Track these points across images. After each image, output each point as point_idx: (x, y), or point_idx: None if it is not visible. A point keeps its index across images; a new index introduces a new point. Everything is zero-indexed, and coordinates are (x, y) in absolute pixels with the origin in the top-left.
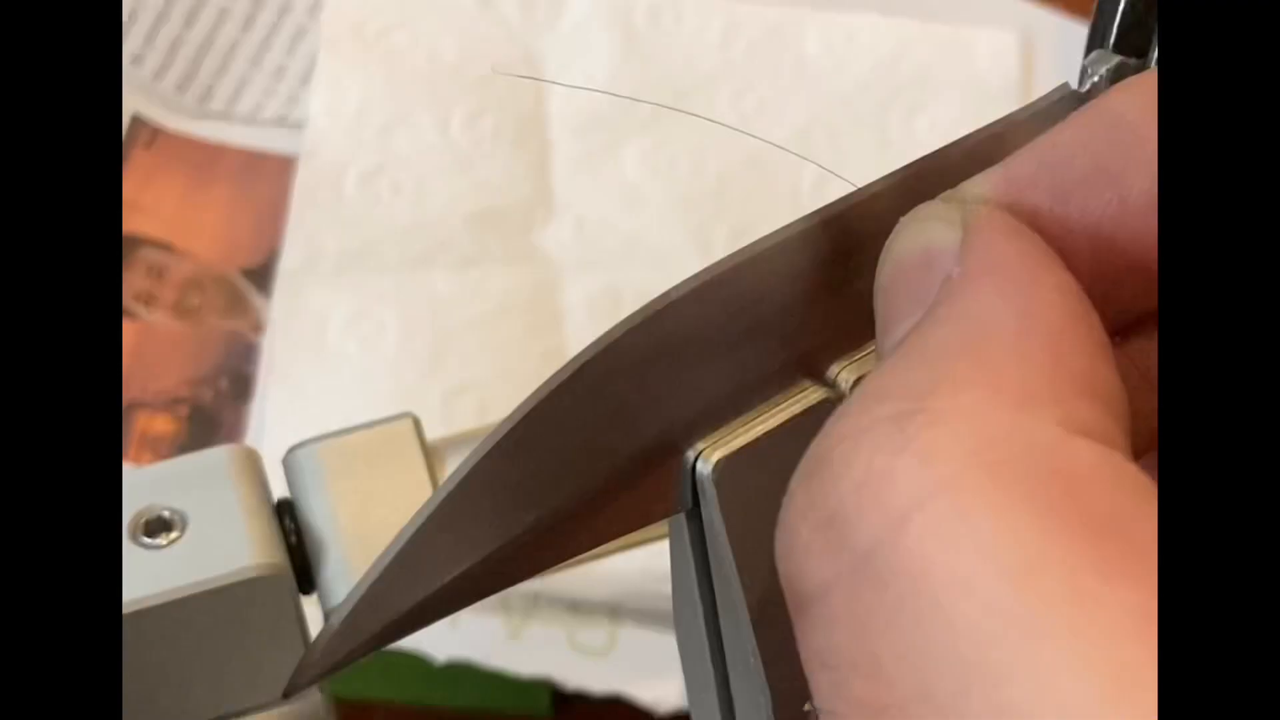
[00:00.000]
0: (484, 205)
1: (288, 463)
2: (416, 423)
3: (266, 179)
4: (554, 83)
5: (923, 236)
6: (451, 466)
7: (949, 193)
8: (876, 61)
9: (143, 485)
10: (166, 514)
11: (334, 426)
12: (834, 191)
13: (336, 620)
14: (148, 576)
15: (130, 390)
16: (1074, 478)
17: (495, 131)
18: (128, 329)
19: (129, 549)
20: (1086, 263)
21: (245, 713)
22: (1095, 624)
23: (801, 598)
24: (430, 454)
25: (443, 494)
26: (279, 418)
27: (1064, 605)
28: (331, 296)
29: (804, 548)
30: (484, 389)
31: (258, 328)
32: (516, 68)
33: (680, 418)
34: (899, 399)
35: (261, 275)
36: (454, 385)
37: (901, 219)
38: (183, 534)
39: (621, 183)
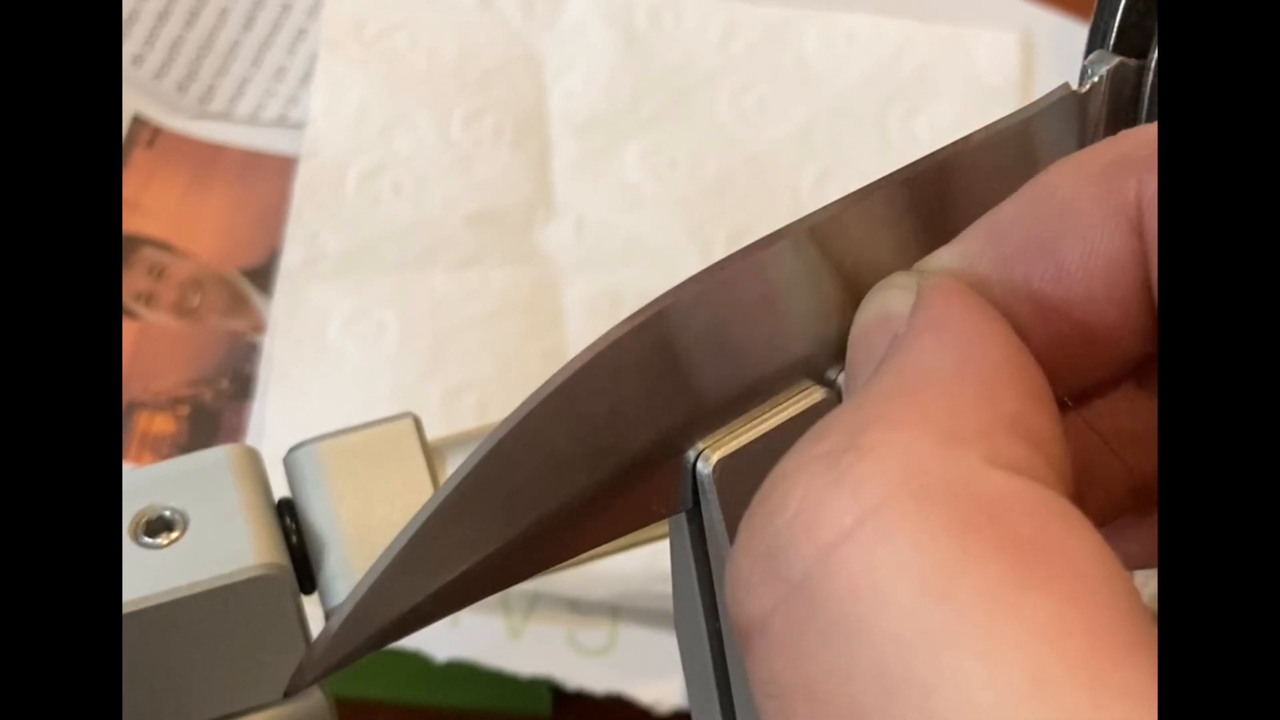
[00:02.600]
0: (484, 205)
1: (288, 462)
2: (417, 423)
3: (267, 179)
4: None
5: (882, 302)
6: (451, 466)
7: (915, 267)
8: (876, 61)
9: (143, 485)
10: (167, 514)
11: (334, 426)
12: (834, 192)
13: (337, 620)
14: (148, 576)
15: (130, 390)
16: (995, 503)
17: (495, 131)
18: (128, 328)
19: (129, 549)
20: (1034, 329)
21: (245, 713)
22: (1011, 631)
23: (745, 629)
24: (430, 454)
25: (443, 494)
26: (279, 417)
27: (982, 615)
28: (332, 296)
29: (745, 580)
30: (484, 389)
31: (258, 327)
32: (516, 67)
33: (680, 418)
34: (834, 438)
35: (262, 275)
36: (454, 385)
37: (869, 290)
38: (183, 534)
39: (621, 183)
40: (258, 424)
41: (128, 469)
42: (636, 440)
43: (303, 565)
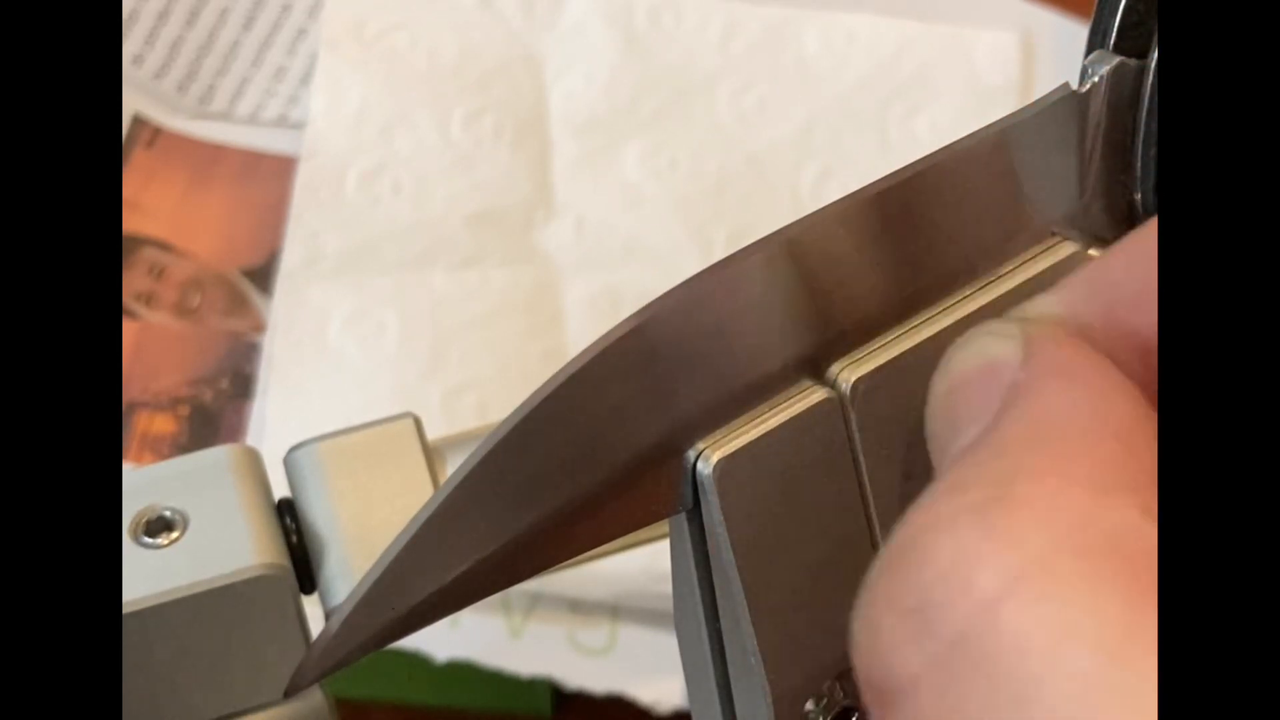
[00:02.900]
0: (484, 205)
1: (288, 462)
2: (417, 423)
3: (267, 179)
4: None
5: (984, 350)
6: (451, 466)
7: (1010, 312)
8: (876, 61)
9: (143, 485)
10: (167, 514)
11: (334, 426)
12: (834, 192)
13: (337, 620)
14: (148, 576)
15: (130, 390)
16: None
17: (495, 131)
18: (128, 328)
19: (129, 549)
20: (1138, 378)
21: (245, 713)
22: None
23: (886, 692)
24: (430, 454)
25: (443, 494)
26: (279, 417)
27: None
28: (332, 296)
29: (888, 640)
30: (484, 389)
31: (258, 327)
32: (516, 67)
33: (680, 418)
34: (979, 488)
35: (262, 275)
36: (454, 385)
37: (958, 339)
38: (183, 534)
39: (621, 183)
40: (258, 424)
41: (128, 469)
42: (636, 440)
43: (303, 565)
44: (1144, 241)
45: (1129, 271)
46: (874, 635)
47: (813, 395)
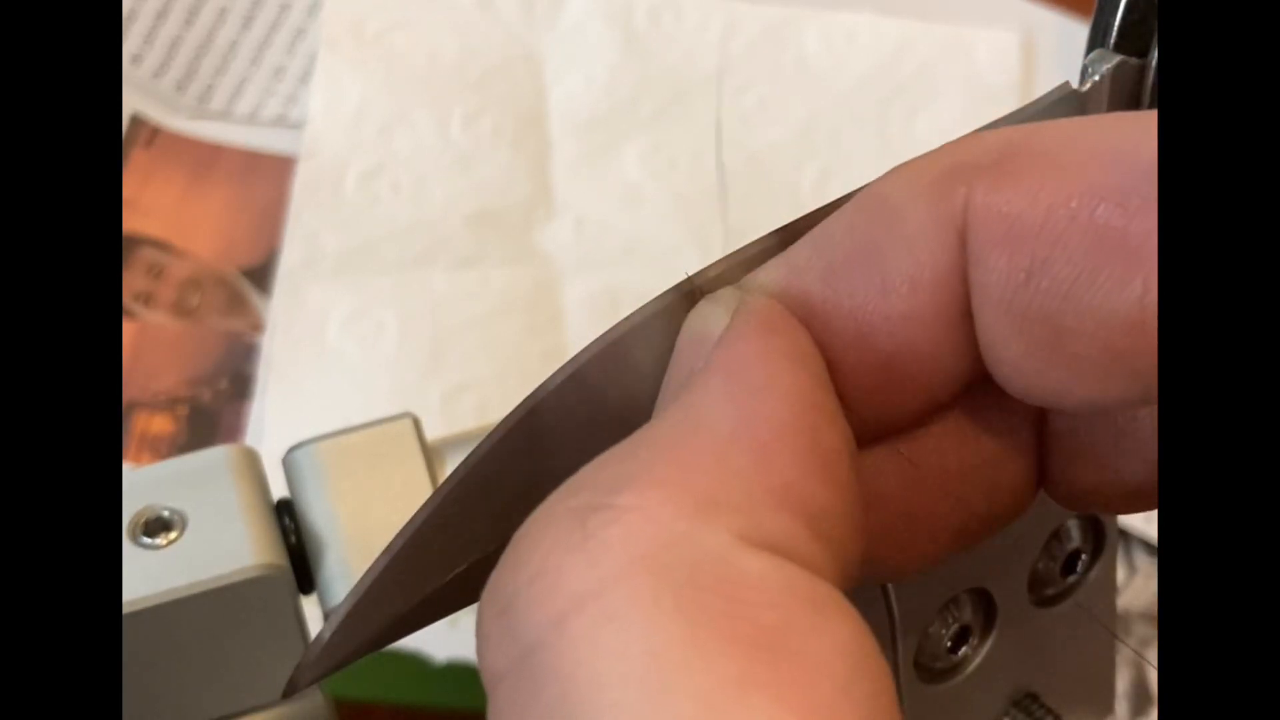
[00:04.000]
0: (484, 205)
1: (287, 463)
2: (416, 423)
3: (266, 179)
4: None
5: (701, 319)
6: (451, 466)
7: (744, 279)
8: (876, 61)
9: (142, 485)
10: (166, 514)
11: (334, 426)
12: (834, 191)
13: (336, 620)
14: (148, 576)
15: (130, 390)
16: (739, 588)
17: (495, 131)
18: (127, 329)
19: (129, 549)
20: (857, 349)
21: (245, 713)
22: None
23: (486, 681)
24: (430, 454)
25: (442, 494)
26: (279, 417)
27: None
28: (331, 296)
29: (485, 634)
30: (483, 389)
31: (257, 327)
32: (516, 67)
33: None
34: (590, 491)
35: (261, 275)
36: (453, 385)
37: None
38: (182, 534)
39: (621, 183)
40: (257, 424)
41: (127, 469)
42: None
43: (301, 565)
44: (867, 197)
45: (849, 231)
46: (479, 624)
47: None
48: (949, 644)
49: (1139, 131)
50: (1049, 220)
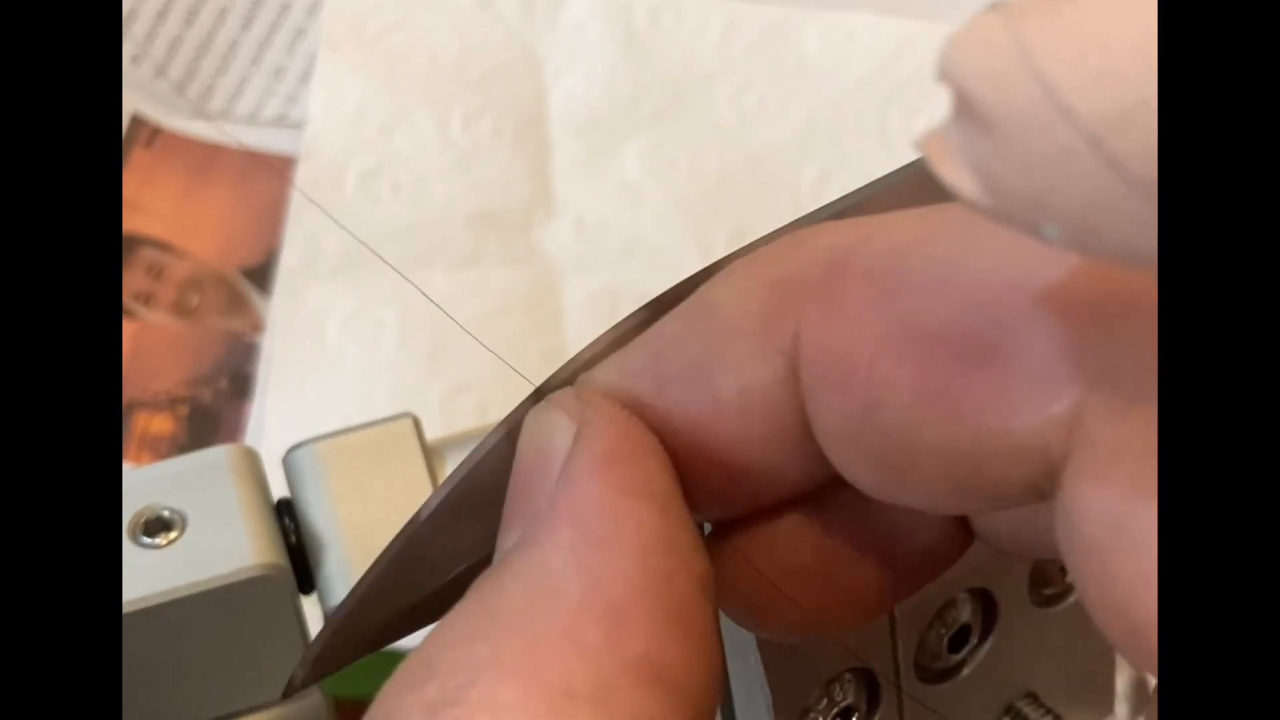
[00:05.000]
0: (484, 205)
1: (287, 462)
2: (416, 422)
3: (266, 179)
4: None
5: (543, 433)
6: (451, 466)
7: (582, 377)
8: (876, 61)
9: (142, 485)
10: (166, 514)
11: (334, 426)
12: (834, 191)
13: (335, 620)
14: (148, 576)
15: (130, 390)
16: None
17: (495, 131)
18: (127, 328)
19: (129, 549)
20: (692, 459)
21: (245, 713)
22: None
23: None
24: (430, 454)
25: (442, 493)
26: (279, 417)
27: None
28: (331, 296)
29: None
30: (483, 389)
31: (257, 327)
32: (516, 67)
33: None
34: (443, 678)
35: (261, 275)
36: (453, 385)
37: (533, 408)
38: (182, 534)
39: (621, 182)
40: (257, 424)
41: (127, 469)
42: None
43: (301, 565)
44: (698, 305)
45: (679, 342)
46: None
47: None
48: (949, 644)
49: (966, 250)
50: (877, 361)
